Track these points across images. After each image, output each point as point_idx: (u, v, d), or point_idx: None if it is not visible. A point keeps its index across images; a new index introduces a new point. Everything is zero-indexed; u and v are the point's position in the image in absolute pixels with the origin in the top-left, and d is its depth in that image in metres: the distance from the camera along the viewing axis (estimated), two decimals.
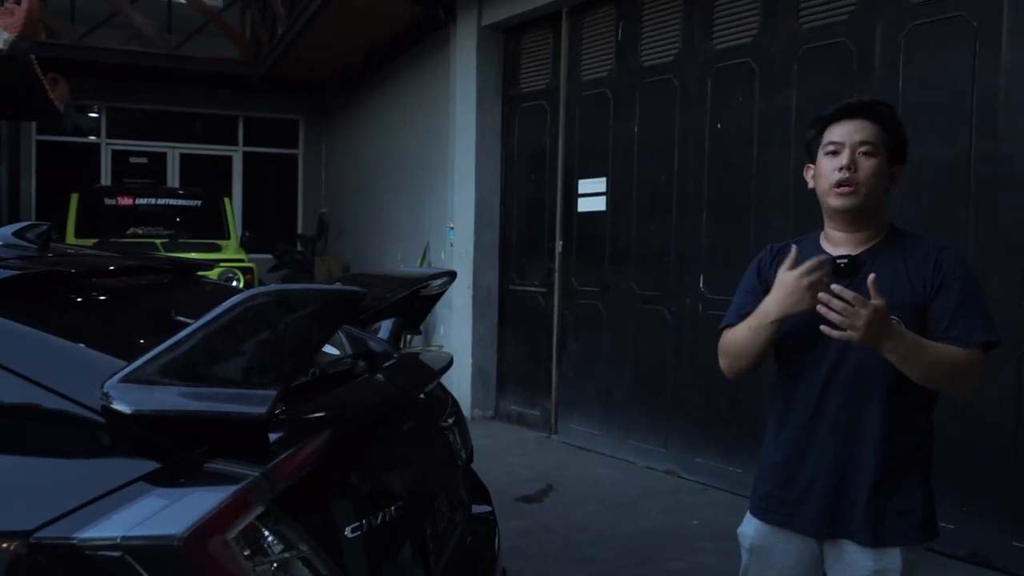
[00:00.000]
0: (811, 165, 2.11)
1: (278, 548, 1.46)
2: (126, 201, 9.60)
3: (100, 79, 11.51)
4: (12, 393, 1.49)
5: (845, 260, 2.02)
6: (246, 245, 9.74)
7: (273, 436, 1.55)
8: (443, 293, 2.63)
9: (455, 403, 2.39)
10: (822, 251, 2.06)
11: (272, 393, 1.44)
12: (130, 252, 3.26)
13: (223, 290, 2.58)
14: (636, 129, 5.78)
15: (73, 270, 2.02)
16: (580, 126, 6.32)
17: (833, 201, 2.02)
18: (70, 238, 8.79)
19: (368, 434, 1.76)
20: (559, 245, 6.49)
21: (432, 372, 2.20)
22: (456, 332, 7.18)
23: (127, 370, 1.44)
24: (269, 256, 12.08)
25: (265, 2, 11.11)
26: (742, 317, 2.10)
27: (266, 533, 1.45)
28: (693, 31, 5.38)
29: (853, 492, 1.99)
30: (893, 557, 1.99)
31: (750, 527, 2.18)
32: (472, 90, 7.07)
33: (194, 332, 1.45)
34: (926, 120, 4.05)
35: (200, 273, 2.68)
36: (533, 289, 6.77)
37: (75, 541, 1.33)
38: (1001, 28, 3.78)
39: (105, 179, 12.33)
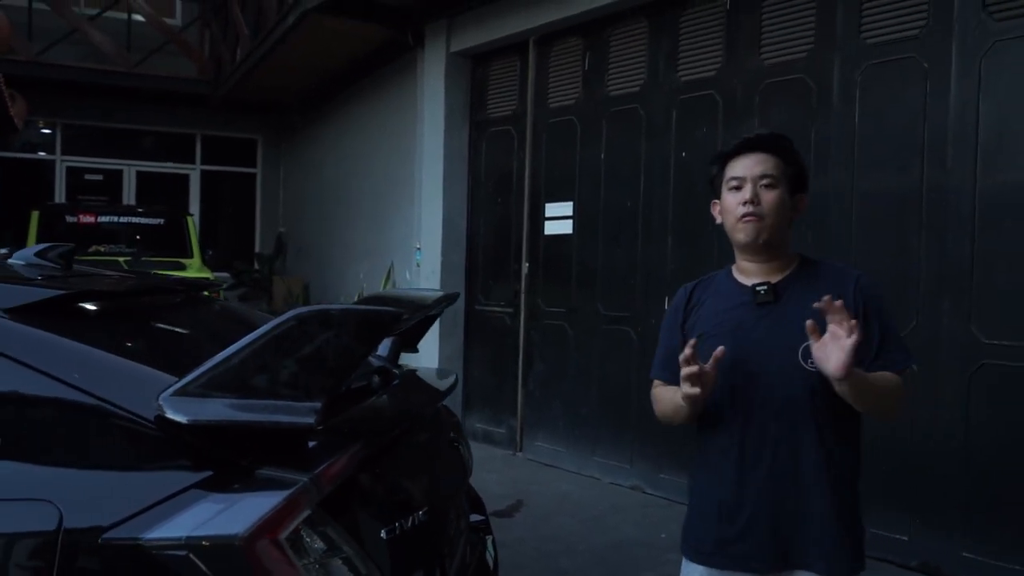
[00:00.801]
0: (716, 201, 2.16)
1: (322, 548, 1.58)
2: (88, 219, 9.54)
3: (57, 96, 11.43)
4: (74, 406, 1.59)
5: (764, 287, 2.04)
6: (209, 263, 9.73)
7: (312, 445, 1.68)
8: (440, 313, 2.76)
9: (456, 419, 2.52)
10: (735, 284, 2.11)
11: (318, 405, 1.56)
12: (143, 273, 3.34)
13: (231, 309, 2.69)
14: (603, 156, 5.99)
15: (100, 289, 2.12)
16: (547, 151, 6.51)
17: (740, 235, 2.06)
18: None
19: (392, 445, 1.89)
20: (526, 267, 6.66)
21: (439, 389, 2.33)
22: (423, 351, 7.25)
23: (180, 383, 1.55)
24: (227, 275, 12.05)
25: (226, 22, 11.17)
26: (667, 368, 2.15)
27: (312, 534, 1.57)
28: (659, 63, 5.61)
29: (787, 525, 2.00)
30: None
31: (694, 575, 2.13)
32: (440, 114, 7.22)
33: (242, 348, 1.57)
34: (881, 153, 4.31)
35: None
36: (499, 309, 6.92)
37: (142, 541, 1.45)
38: (950, 70, 4.05)
39: (60, 196, 12.21)
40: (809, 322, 1.83)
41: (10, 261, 2.33)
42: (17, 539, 1.47)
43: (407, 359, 2.83)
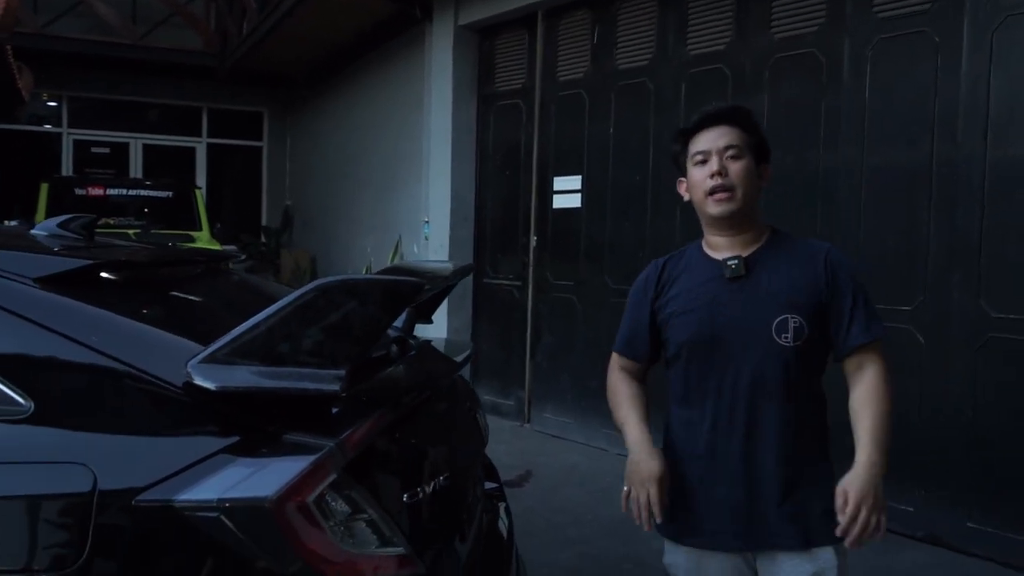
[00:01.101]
0: (683, 179, 2.14)
1: (347, 511, 1.63)
2: (96, 191, 9.58)
3: (63, 68, 11.44)
4: (106, 373, 1.63)
5: (735, 262, 2.02)
6: (218, 236, 9.77)
7: (337, 412, 1.72)
8: (455, 285, 2.80)
9: (472, 389, 2.56)
10: (706, 258, 2.09)
11: (343, 372, 1.60)
12: (161, 244, 3.38)
13: (249, 280, 2.72)
14: (611, 130, 5.99)
15: (124, 260, 2.15)
16: (556, 125, 6.51)
17: (711, 209, 2.03)
18: None
19: (412, 412, 1.93)
20: (534, 240, 6.68)
21: (455, 359, 2.37)
22: (433, 324, 7.32)
23: (208, 351, 1.59)
24: (233, 248, 12.09)
25: None
26: (630, 344, 2.21)
27: (337, 497, 1.61)
28: (668, 36, 5.60)
29: (763, 500, 1.99)
30: (827, 556, 2.00)
31: (678, 556, 2.14)
32: (448, 88, 7.22)
33: (268, 317, 1.60)
34: (891, 127, 4.32)
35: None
36: (508, 283, 6.96)
37: (174, 503, 1.49)
38: (961, 44, 4.05)
39: (67, 169, 12.24)
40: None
41: (33, 232, 2.37)
42: (53, 501, 1.52)
43: (418, 330, 2.86)
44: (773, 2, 4.92)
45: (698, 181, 2.05)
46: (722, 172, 2.00)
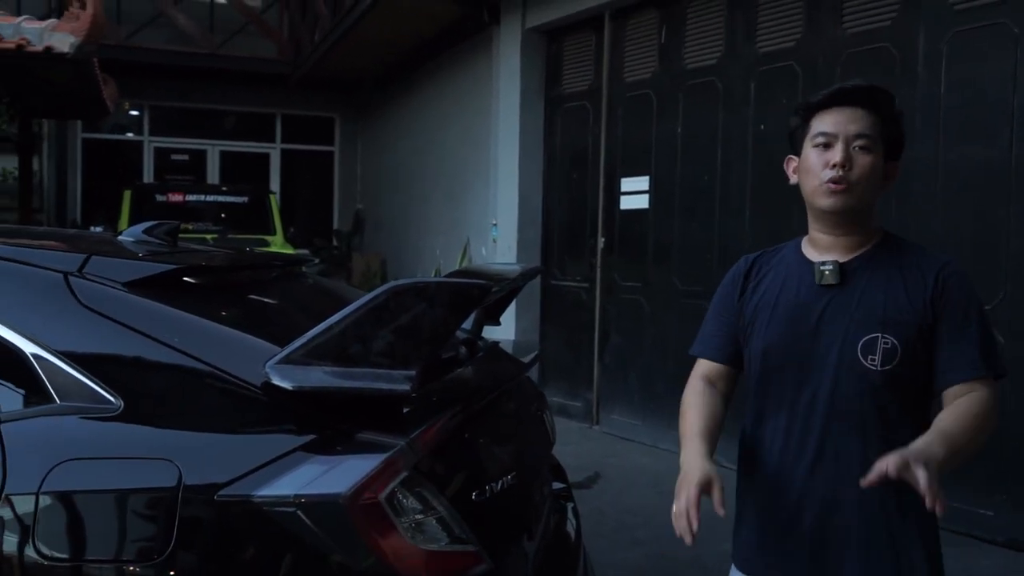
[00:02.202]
0: (793, 157, 1.85)
1: (418, 508, 1.67)
2: (176, 197, 9.91)
3: (144, 78, 11.82)
4: (189, 373, 1.71)
5: (829, 267, 1.75)
6: (292, 240, 10.00)
7: (408, 411, 1.76)
8: (522, 287, 2.83)
9: (540, 390, 2.59)
10: (802, 258, 1.83)
11: (413, 373, 1.64)
12: (239, 249, 3.50)
13: (323, 283, 2.80)
14: (679, 129, 5.96)
15: (206, 264, 2.24)
16: (623, 126, 6.51)
17: (823, 201, 1.74)
18: None
19: (481, 413, 1.97)
20: (601, 241, 6.68)
21: (523, 361, 2.41)
22: (501, 325, 7.38)
23: (285, 352, 1.65)
24: (306, 251, 12.34)
25: (305, 2, 11.38)
26: (709, 346, 1.95)
27: (408, 495, 1.66)
28: (736, 34, 5.55)
29: (841, 540, 1.73)
30: None
31: None
32: (516, 91, 7.27)
33: (342, 319, 1.66)
34: (968, 123, 4.21)
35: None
36: (575, 284, 6.97)
37: (254, 498, 1.56)
38: None
39: (148, 176, 12.66)
40: (879, 467, 1.48)
41: (120, 238, 2.48)
42: (141, 494, 1.60)
43: (487, 332, 2.90)
44: None
45: (815, 167, 1.74)
46: (845, 164, 1.70)
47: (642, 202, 6.30)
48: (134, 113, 12.83)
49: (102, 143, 12.63)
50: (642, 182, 6.30)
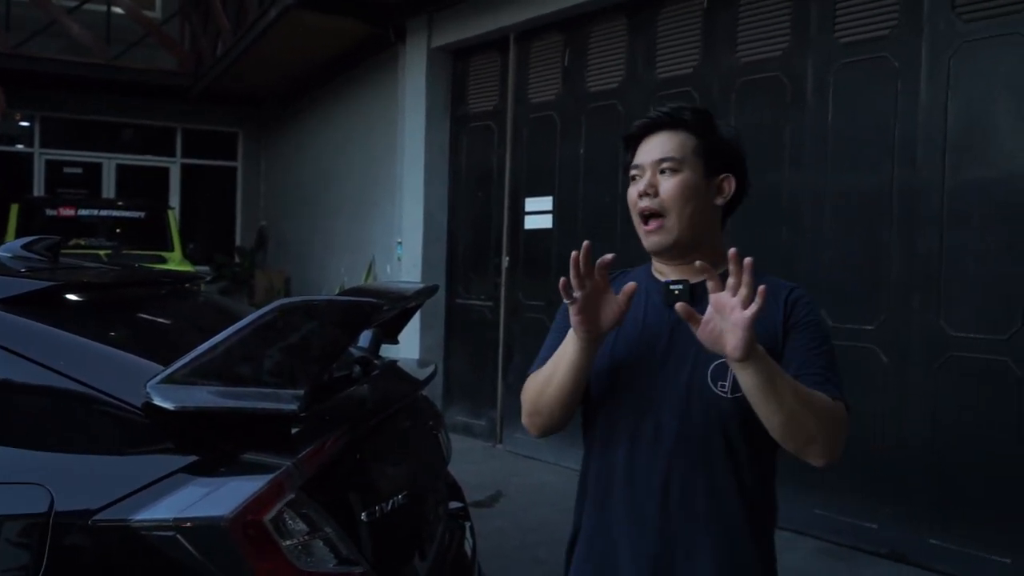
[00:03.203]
0: None
1: (305, 530, 1.64)
2: (68, 212, 9.53)
3: (36, 88, 11.37)
4: (64, 394, 1.64)
5: (680, 287, 1.63)
6: (191, 257, 9.74)
7: (296, 431, 1.74)
8: (420, 305, 2.82)
9: (436, 408, 2.59)
10: (653, 279, 1.71)
11: (302, 392, 1.62)
12: (127, 265, 3.38)
13: (216, 301, 2.74)
14: (582, 151, 6.06)
15: (87, 281, 2.16)
16: (527, 146, 6.57)
17: (645, 242, 1.68)
18: None
19: (372, 431, 1.96)
20: (506, 260, 6.72)
21: (418, 379, 2.40)
22: (405, 344, 7.33)
23: (168, 371, 1.61)
24: (207, 268, 12.04)
25: (207, 15, 11.14)
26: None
27: (295, 516, 1.63)
28: (637, 60, 5.68)
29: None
30: None
31: None
32: (421, 110, 7.27)
33: (228, 337, 1.63)
34: (854, 151, 4.41)
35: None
36: (480, 303, 6.98)
37: (131, 522, 1.51)
38: (920, 70, 4.15)
39: (39, 189, 12.16)
40: (680, 304, 1.42)
41: None
42: (10, 521, 1.53)
43: (388, 351, 2.88)
44: (739, 26, 5.02)
45: (632, 202, 1.69)
46: (649, 191, 1.64)
47: (546, 222, 6.37)
48: (24, 124, 12.33)
49: None
50: (546, 202, 6.37)
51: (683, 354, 1.58)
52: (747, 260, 1.36)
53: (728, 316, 1.37)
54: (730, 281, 1.38)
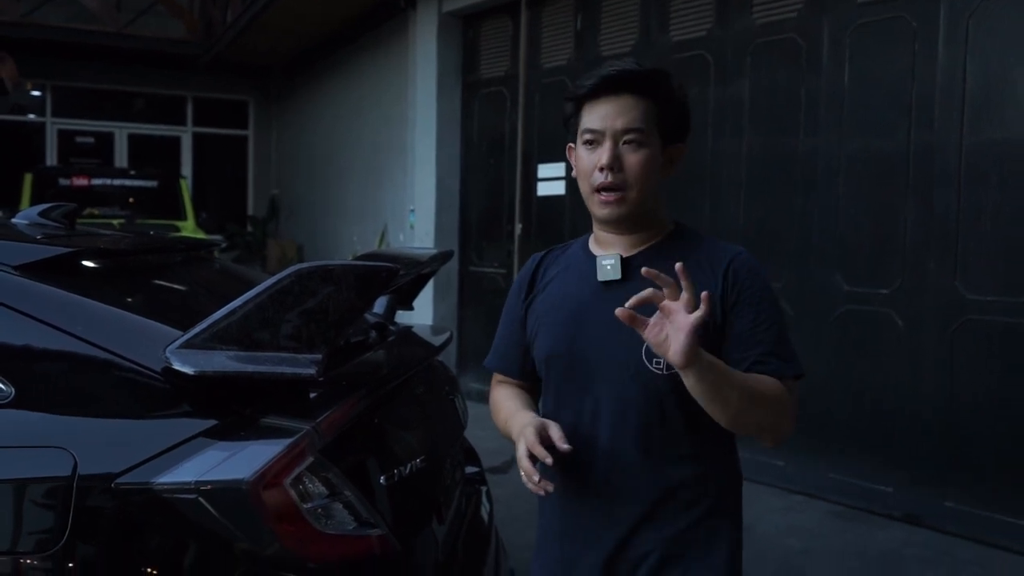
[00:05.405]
0: (572, 146, 1.65)
1: (324, 493, 1.66)
2: (81, 181, 9.55)
3: (46, 57, 11.36)
4: (85, 359, 1.66)
5: (611, 261, 1.59)
6: (204, 226, 9.76)
7: (315, 395, 1.75)
8: (435, 272, 2.83)
9: (452, 374, 2.60)
10: (588, 254, 1.66)
11: (319, 356, 1.63)
12: (143, 232, 3.39)
13: (231, 268, 2.75)
14: None
15: (105, 248, 2.17)
16: (540, 112, 6.53)
17: (598, 211, 1.59)
18: None
19: (390, 396, 1.96)
20: (518, 228, 6.70)
21: (434, 344, 2.40)
22: (418, 312, 7.34)
23: (187, 336, 1.62)
24: (219, 237, 12.07)
25: None
26: (503, 359, 1.79)
27: (314, 479, 1.65)
28: (650, 23, 5.62)
29: (632, 558, 1.57)
30: None
31: None
32: (432, 76, 7.22)
33: (246, 302, 1.63)
34: (871, 113, 4.36)
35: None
36: (492, 270, 6.98)
37: (154, 485, 1.52)
38: (938, 30, 4.08)
39: (51, 159, 12.18)
40: (620, 310, 1.35)
41: (14, 220, 2.38)
42: (35, 484, 1.55)
43: (402, 318, 2.89)
44: None
45: (585, 169, 1.58)
46: (613, 166, 1.54)
47: (559, 188, 6.34)
48: (36, 94, 12.32)
49: (1, 125, 12.09)
50: (559, 168, 6.33)
51: (617, 331, 1.45)
52: (678, 265, 1.31)
53: (672, 319, 1.32)
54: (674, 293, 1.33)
